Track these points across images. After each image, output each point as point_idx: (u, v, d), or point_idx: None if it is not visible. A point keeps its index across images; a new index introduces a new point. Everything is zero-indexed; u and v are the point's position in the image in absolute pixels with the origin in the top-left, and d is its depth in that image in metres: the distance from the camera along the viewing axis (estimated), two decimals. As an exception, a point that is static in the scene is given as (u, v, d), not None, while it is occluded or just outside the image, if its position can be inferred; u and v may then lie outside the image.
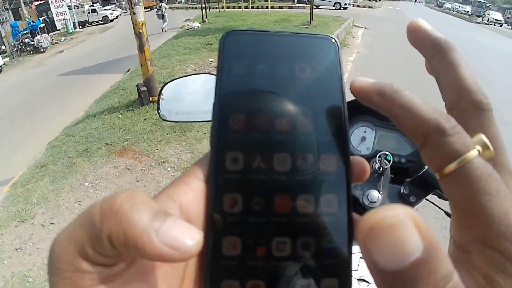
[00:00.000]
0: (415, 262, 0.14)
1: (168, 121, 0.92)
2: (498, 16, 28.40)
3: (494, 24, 26.61)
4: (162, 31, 13.77)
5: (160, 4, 14.13)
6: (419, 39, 0.24)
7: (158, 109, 0.89)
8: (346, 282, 0.21)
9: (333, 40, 0.24)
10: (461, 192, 0.18)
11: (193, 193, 0.21)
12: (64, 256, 0.17)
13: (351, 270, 0.21)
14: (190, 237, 0.17)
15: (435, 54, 0.23)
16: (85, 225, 0.17)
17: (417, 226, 0.15)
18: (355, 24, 13.38)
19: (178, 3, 36.72)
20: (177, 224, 0.17)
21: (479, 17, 30.01)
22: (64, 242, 0.17)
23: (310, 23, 11.36)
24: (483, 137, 0.20)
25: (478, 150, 0.19)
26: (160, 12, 14.06)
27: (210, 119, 0.23)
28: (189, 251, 0.17)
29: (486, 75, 7.78)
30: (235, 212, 0.21)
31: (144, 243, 0.16)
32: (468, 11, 35.19)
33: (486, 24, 27.05)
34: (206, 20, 13.77)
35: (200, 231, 0.18)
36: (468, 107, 0.21)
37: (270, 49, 0.24)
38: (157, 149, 3.92)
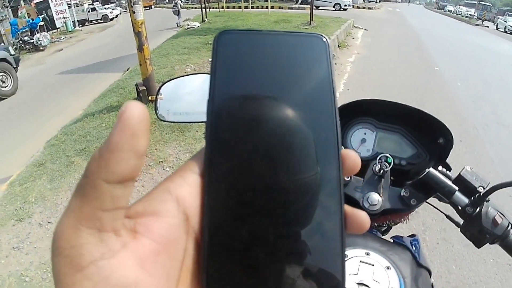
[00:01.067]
0: None
1: (166, 121, 0.91)
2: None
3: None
4: (177, 26, 14.48)
5: (176, 1, 14.88)
6: None
7: (156, 109, 0.88)
8: (338, 276, 0.22)
9: (324, 39, 0.25)
10: None
11: (189, 186, 0.21)
12: (63, 233, 0.18)
13: (344, 262, 0.22)
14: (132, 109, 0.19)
15: None
16: (78, 190, 0.18)
17: None
18: (355, 25, 13.39)
19: (178, 2, 36.66)
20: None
21: (480, 20, 29.55)
22: (63, 219, 0.18)
23: (310, 23, 11.36)
24: None
25: None
26: (176, 9, 14.82)
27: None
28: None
29: (485, 77, 7.79)
30: (230, 204, 0.22)
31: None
32: (473, 15, 33.44)
33: (485, 27, 26.47)
34: (206, 19, 13.77)
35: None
36: None
37: (263, 48, 0.24)
38: (155, 149, 3.90)
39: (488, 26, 26.99)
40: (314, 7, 12.30)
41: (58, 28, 18.50)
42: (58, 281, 0.17)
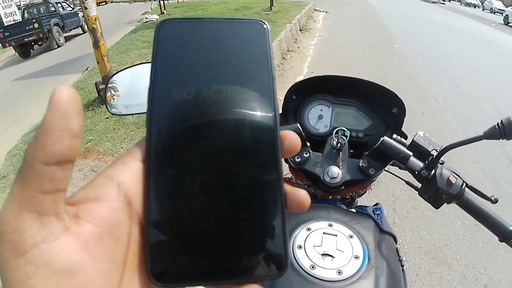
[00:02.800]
0: None
1: (124, 115, 0.89)
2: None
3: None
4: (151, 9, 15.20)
5: None
6: None
7: (106, 104, 0.85)
8: (281, 255, 0.23)
9: (264, 25, 0.26)
10: None
11: (131, 171, 0.22)
12: (5, 218, 0.18)
13: (287, 242, 0.23)
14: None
15: None
16: (18, 175, 0.18)
17: None
18: (316, 8, 13.46)
19: (135, -4, 35.57)
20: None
21: None
22: (5, 205, 0.18)
23: (271, 9, 11.30)
24: None
25: None
26: None
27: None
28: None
29: (443, 51, 8.08)
30: (171, 188, 0.22)
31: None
32: None
33: (442, 3, 27.26)
34: (165, 11, 13.43)
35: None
36: None
37: (203, 36, 0.25)
38: (121, 148, 3.79)
39: (444, 3, 27.90)
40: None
41: (9, 32, 17.47)
42: (1, 267, 0.17)
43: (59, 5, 13.43)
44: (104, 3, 23.69)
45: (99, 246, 0.19)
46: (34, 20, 11.19)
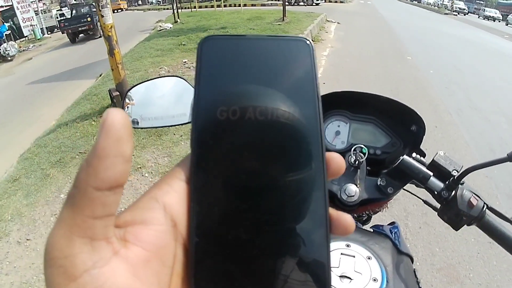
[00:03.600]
0: None
1: (138, 128, 0.88)
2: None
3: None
4: None
5: None
6: None
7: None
8: (324, 278, 0.22)
9: (307, 42, 0.25)
10: None
11: (176, 193, 0.22)
12: (56, 243, 0.18)
13: (330, 266, 0.22)
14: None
15: None
16: (68, 200, 0.18)
17: None
18: (328, 19, 13.53)
19: (150, 4, 36.26)
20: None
21: (449, 10, 29.77)
22: (55, 230, 0.18)
23: (283, 19, 11.38)
24: None
25: None
26: None
27: (182, 122, 0.24)
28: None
29: (456, 63, 8.02)
30: (216, 210, 0.22)
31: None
32: (464, 9, 30.77)
33: (454, 15, 27.15)
34: (178, 20, 13.63)
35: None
36: None
37: (247, 53, 0.24)
38: (133, 155, 3.77)
39: (456, 15, 27.76)
40: (287, 3, 12.32)
41: (26, 36, 17.85)
42: None
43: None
44: (120, 10, 24.18)
45: (147, 270, 0.19)
46: (88, 15, 14.89)
